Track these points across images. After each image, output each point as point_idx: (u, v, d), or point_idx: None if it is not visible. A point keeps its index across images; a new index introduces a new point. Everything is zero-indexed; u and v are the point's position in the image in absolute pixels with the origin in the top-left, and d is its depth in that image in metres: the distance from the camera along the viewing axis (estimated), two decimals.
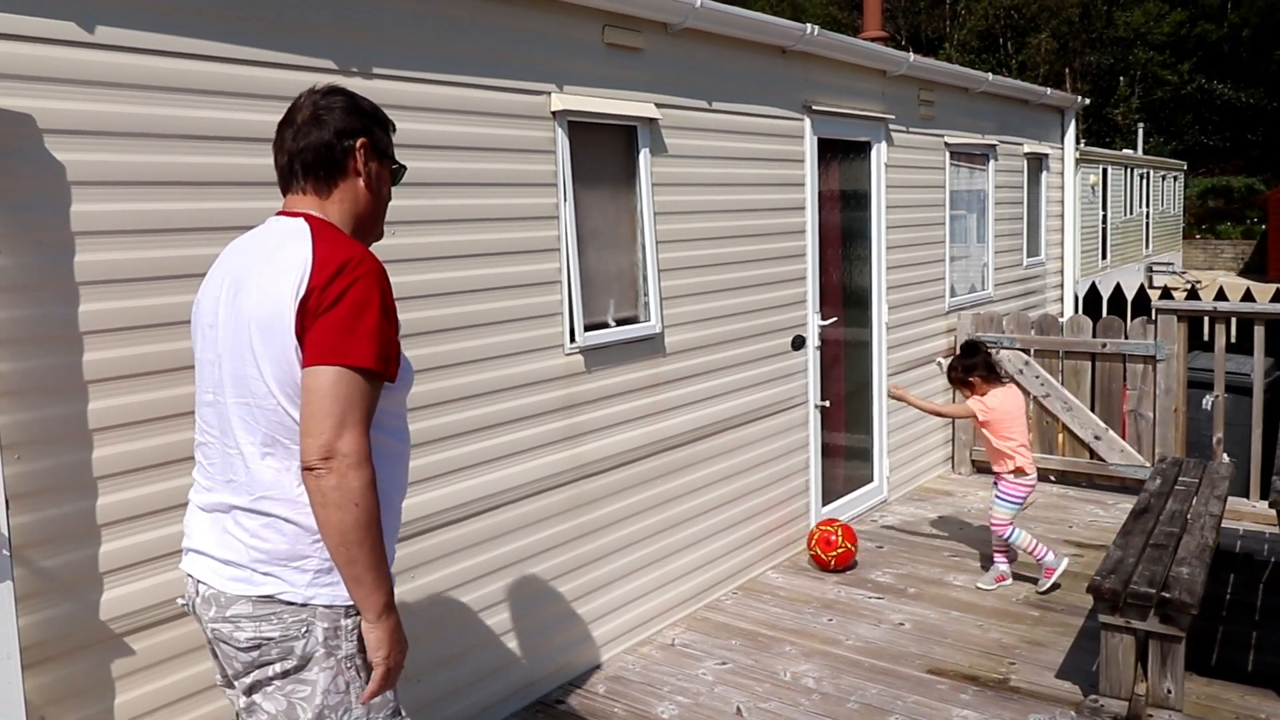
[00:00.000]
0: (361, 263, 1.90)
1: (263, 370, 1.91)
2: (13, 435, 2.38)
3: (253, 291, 1.94)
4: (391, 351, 1.92)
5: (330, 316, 1.85)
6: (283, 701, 1.95)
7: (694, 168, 4.54)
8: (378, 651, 1.92)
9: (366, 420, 1.86)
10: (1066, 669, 4.03)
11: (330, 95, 2.11)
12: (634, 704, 3.85)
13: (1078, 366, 6.51)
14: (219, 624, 1.98)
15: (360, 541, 1.84)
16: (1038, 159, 8.42)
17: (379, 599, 1.89)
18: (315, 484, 1.82)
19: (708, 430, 4.72)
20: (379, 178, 2.14)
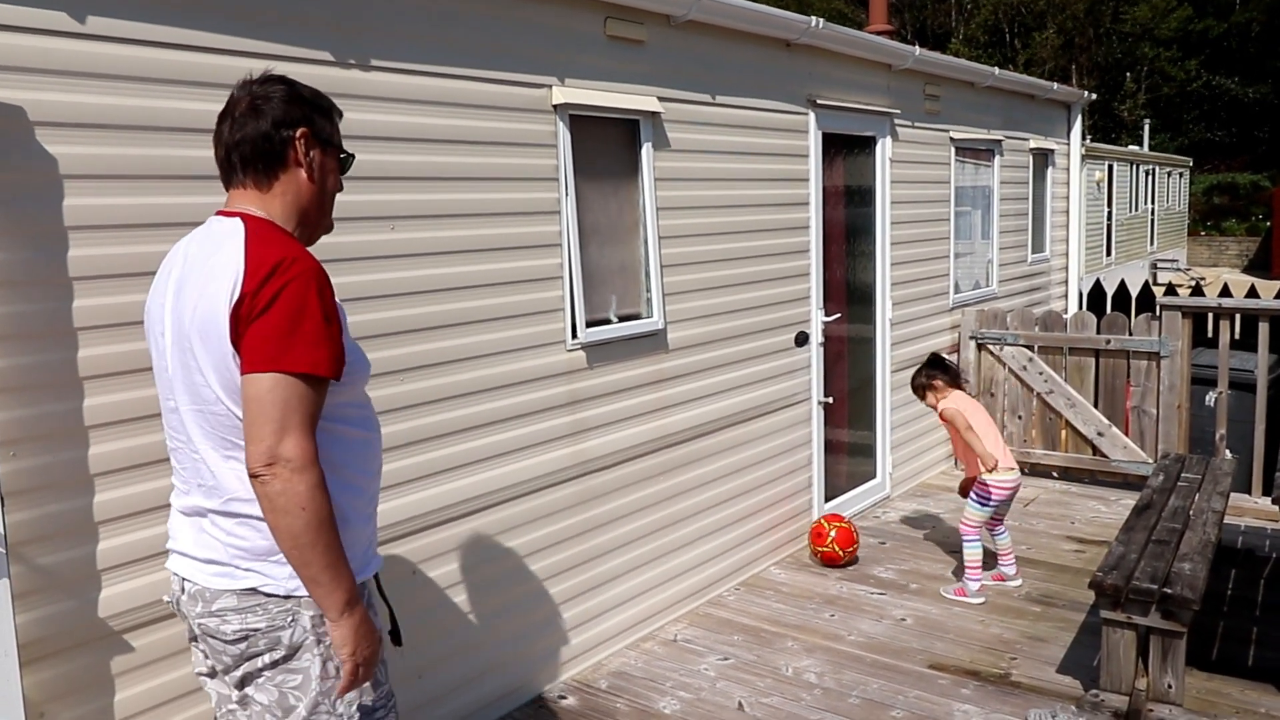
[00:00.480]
0: (294, 263, 1.86)
1: (208, 377, 1.90)
2: (7, 432, 2.37)
3: (190, 298, 1.92)
4: (330, 352, 1.88)
5: (264, 322, 1.82)
6: (274, 692, 1.96)
7: (697, 162, 4.53)
8: (343, 649, 1.91)
9: (309, 423, 1.85)
10: (1067, 664, 4.02)
11: (268, 84, 2.04)
12: (636, 699, 3.84)
13: (1081, 363, 6.48)
14: (205, 619, 1.98)
15: (312, 544, 1.83)
16: (1043, 155, 8.38)
17: (339, 597, 1.88)
18: (261, 490, 1.82)
19: (711, 426, 4.71)
20: (323, 167, 2.09)
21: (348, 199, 3.10)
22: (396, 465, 3.31)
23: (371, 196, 3.18)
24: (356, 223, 3.14)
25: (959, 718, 3.64)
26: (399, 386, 3.30)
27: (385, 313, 3.24)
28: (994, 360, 6.77)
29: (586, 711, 3.76)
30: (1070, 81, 31.59)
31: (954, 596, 4.71)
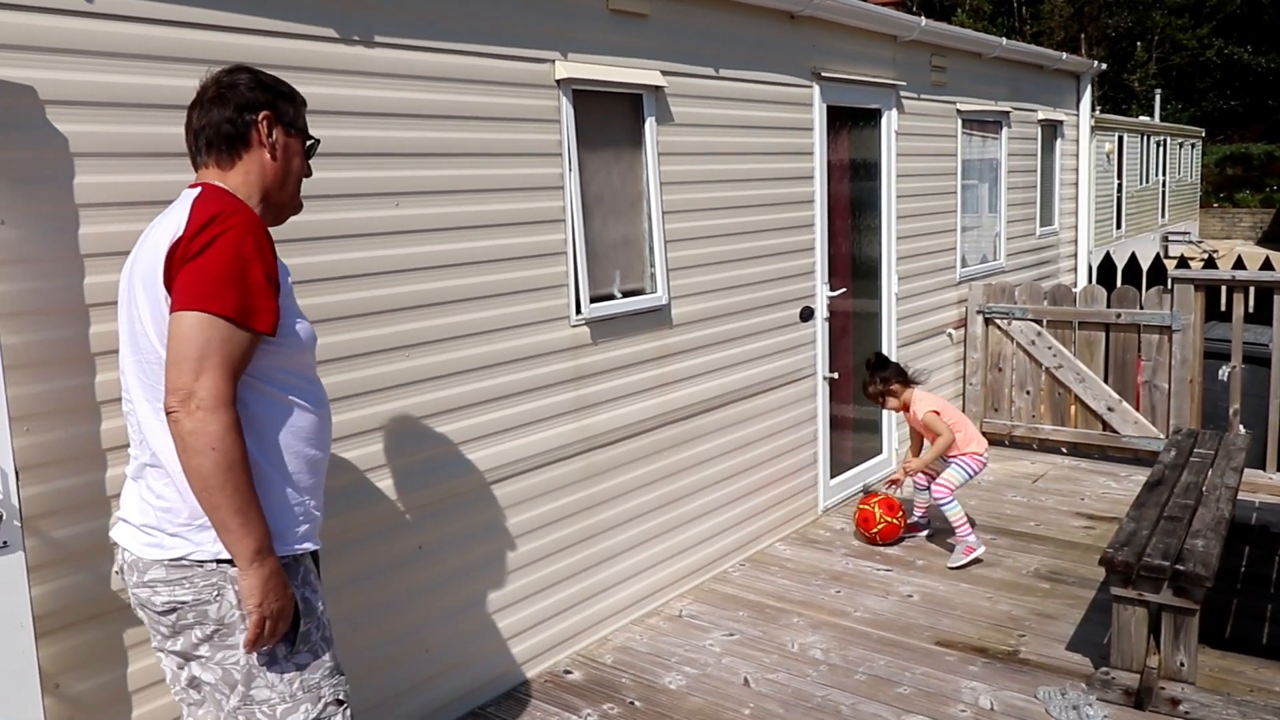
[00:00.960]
0: (234, 215, 1.93)
1: (145, 324, 1.96)
2: (21, 407, 2.38)
3: (142, 258, 2.00)
4: (260, 303, 1.92)
5: (196, 264, 1.88)
6: (218, 670, 1.99)
7: (701, 136, 4.50)
8: (250, 599, 1.91)
9: (229, 365, 1.87)
10: (1077, 641, 4.02)
11: (233, 73, 2.15)
12: (641, 674, 3.86)
13: (1091, 337, 6.45)
14: (139, 589, 2.02)
15: (221, 486, 1.85)
16: (1052, 126, 8.31)
17: (248, 544, 1.89)
18: (175, 429, 1.85)
19: (716, 402, 4.71)
20: (286, 149, 2.16)
21: (352, 175, 3.10)
22: (399, 441, 3.31)
23: (376, 173, 3.17)
24: (361, 199, 3.13)
25: (967, 694, 3.65)
26: (404, 363, 3.30)
27: (390, 289, 3.24)
28: (1001, 335, 6.75)
29: (592, 686, 3.79)
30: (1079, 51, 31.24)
31: (966, 558, 4.78)
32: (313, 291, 3.00)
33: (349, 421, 3.14)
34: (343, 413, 3.10)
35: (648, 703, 3.65)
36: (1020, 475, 6.23)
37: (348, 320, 3.12)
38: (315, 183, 3.00)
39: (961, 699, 3.61)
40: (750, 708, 3.59)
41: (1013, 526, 5.33)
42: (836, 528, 5.40)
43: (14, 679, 2.31)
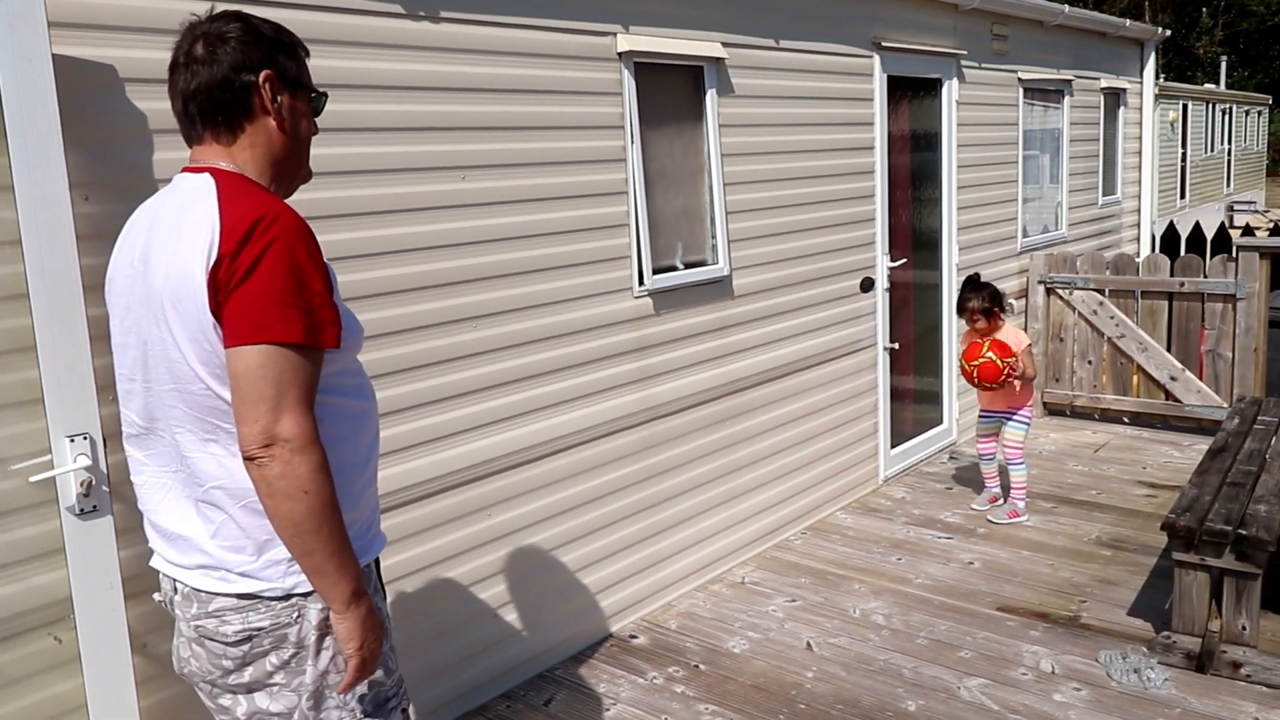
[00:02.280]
0: (275, 221, 1.66)
1: (185, 353, 1.71)
2: (106, 377, 2.46)
3: (160, 265, 1.72)
4: (324, 316, 1.70)
5: (246, 289, 1.63)
6: (292, 698, 1.82)
7: (761, 108, 4.50)
8: (349, 643, 1.75)
9: (307, 398, 1.67)
10: (1139, 607, 4.00)
11: (222, 22, 1.82)
12: (706, 639, 3.92)
13: (1154, 307, 6.35)
14: (203, 620, 1.81)
15: (316, 530, 1.67)
16: (1115, 94, 8.16)
17: (345, 588, 1.72)
18: (259, 474, 1.65)
19: (776, 373, 4.73)
20: (293, 112, 1.87)
21: (421, 149, 3.16)
22: (468, 411, 3.39)
23: (443, 147, 3.23)
24: (429, 172, 3.20)
25: (1028, 658, 3.66)
26: (470, 334, 3.37)
27: (456, 261, 3.31)
28: (1063, 305, 6.66)
29: (657, 650, 3.85)
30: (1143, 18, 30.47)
31: (1009, 520, 4.86)
32: (379, 265, 3.07)
33: (415, 393, 3.22)
34: (409, 384, 3.18)
35: (712, 666, 3.71)
36: (1082, 445, 6.17)
37: (415, 293, 3.19)
38: (382, 156, 3.07)
39: (1023, 662, 3.63)
40: (813, 671, 3.64)
41: (1074, 495, 5.30)
42: (897, 497, 5.41)
43: (105, 638, 2.41)
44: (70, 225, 2.28)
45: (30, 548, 2.35)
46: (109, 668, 2.41)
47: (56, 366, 2.28)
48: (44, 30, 2.20)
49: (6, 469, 2.30)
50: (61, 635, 2.40)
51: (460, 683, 3.46)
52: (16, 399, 2.30)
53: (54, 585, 2.38)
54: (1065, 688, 3.45)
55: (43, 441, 2.31)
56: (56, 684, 2.41)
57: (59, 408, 2.29)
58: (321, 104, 1.96)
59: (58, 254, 2.26)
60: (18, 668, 2.35)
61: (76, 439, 2.32)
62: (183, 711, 2.70)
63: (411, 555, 3.26)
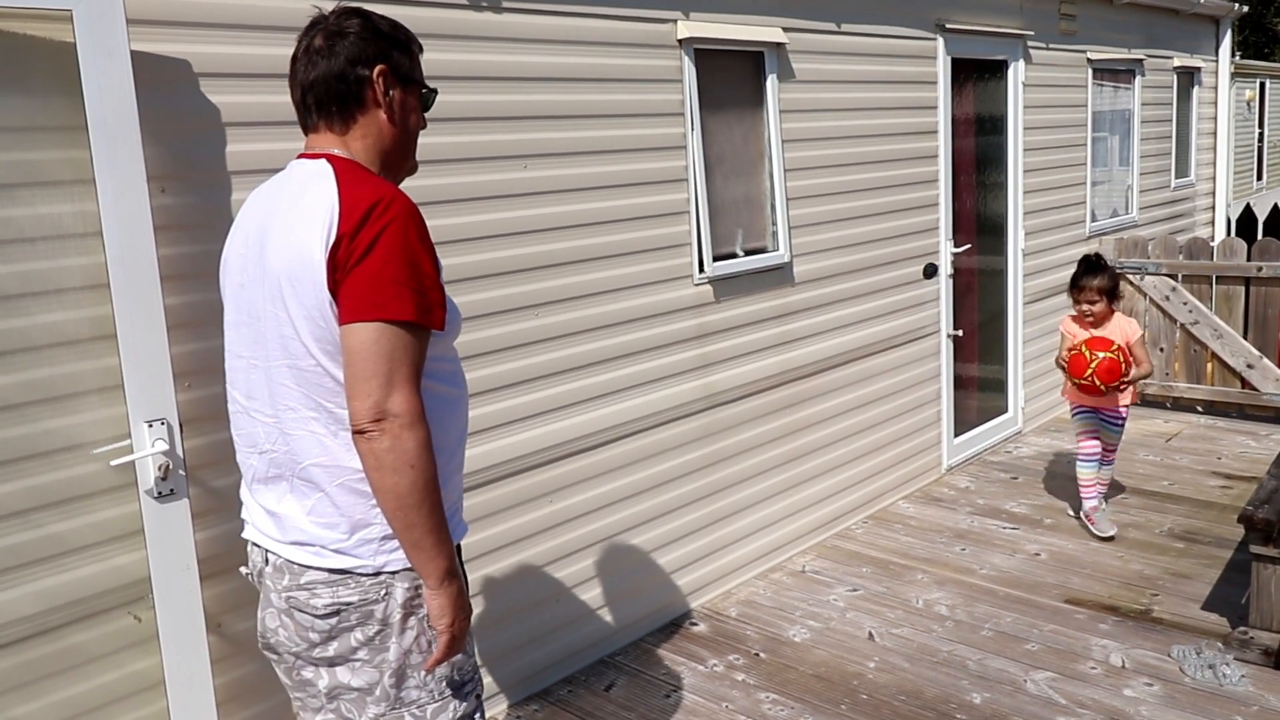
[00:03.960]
0: (392, 204, 1.73)
1: (298, 329, 1.76)
2: (183, 364, 2.55)
3: (278, 244, 1.78)
4: (434, 298, 1.76)
5: (364, 268, 1.69)
6: (373, 674, 1.86)
7: (822, 93, 4.45)
8: (441, 619, 1.80)
9: (416, 376, 1.74)
10: (1213, 601, 3.91)
11: (343, 18, 1.90)
12: (766, 627, 3.92)
13: (1230, 292, 6.17)
14: (294, 592, 1.87)
15: (419, 505, 1.72)
16: (1188, 73, 7.93)
17: (441, 564, 1.77)
18: (368, 447, 1.70)
19: (837, 360, 4.69)
20: (404, 106, 1.94)
21: (483, 139, 3.19)
22: (531, 397, 3.42)
23: (505, 136, 3.25)
24: (492, 162, 3.22)
25: (1097, 652, 3.59)
26: (533, 321, 3.39)
27: (518, 249, 3.33)
28: (1134, 290, 6.51)
29: (717, 638, 3.86)
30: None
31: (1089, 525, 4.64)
32: (444, 253, 3.10)
33: (480, 379, 3.26)
34: (472, 371, 3.22)
35: (772, 654, 3.71)
36: (1153, 434, 6.04)
37: (478, 280, 3.23)
38: (447, 146, 3.10)
39: (1092, 656, 3.56)
40: (875, 661, 3.61)
41: (1145, 486, 5.18)
42: (961, 486, 5.34)
43: (182, 618, 2.48)
44: (148, 217, 2.34)
45: (111, 529, 2.43)
46: (186, 646, 2.48)
47: (135, 354, 2.35)
48: (123, 27, 2.27)
49: (88, 453, 2.37)
50: (141, 614, 2.48)
51: (522, 666, 3.50)
52: (98, 385, 2.38)
53: (134, 566, 2.45)
54: (1136, 682, 3.39)
55: (122, 427, 2.38)
56: (136, 661, 2.49)
57: (138, 394, 2.36)
58: (431, 100, 2.03)
59: (136, 244, 2.33)
60: (99, 645, 2.43)
61: (155, 424, 2.39)
62: (256, 689, 2.78)
63: (474, 540, 3.30)
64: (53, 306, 2.31)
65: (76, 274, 2.33)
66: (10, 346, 2.26)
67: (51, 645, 2.36)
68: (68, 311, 2.33)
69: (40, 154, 2.27)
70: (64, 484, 2.36)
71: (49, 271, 2.30)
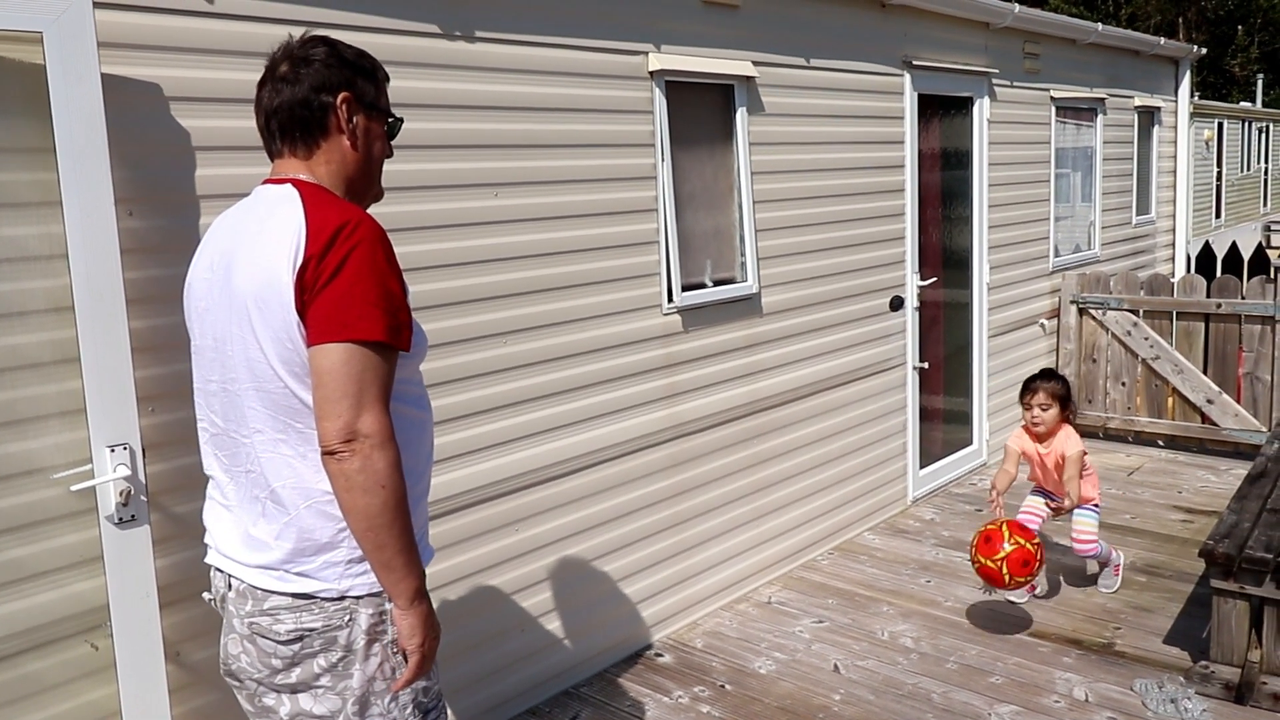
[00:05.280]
0: (359, 226, 1.74)
1: (265, 351, 1.77)
2: (146, 389, 2.52)
3: (245, 267, 1.78)
4: (402, 318, 1.78)
5: (332, 289, 1.70)
6: (335, 700, 1.84)
7: (791, 126, 4.51)
8: (412, 639, 1.81)
9: (386, 396, 1.74)
10: (1175, 635, 3.95)
11: (309, 46, 1.92)
12: (732, 659, 3.91)
13: (1190, 328, 6.29)
14: (257, 618, 1.86)
15: (389, 525, 1.73)
16: (1149, 113, 8.10)
17: (411, 584, 1.78)
18: (338, 468, 1.70)
19: (805, 391, 4.72)
20: (368, 134, 1.96)
21: (454, 167, 3.20)
22: (498, 425, 3.41)
23: (476, 164, 3.26)
24: (462, 189, 3.23)
25: (1061, 685, 3.61)
26: (500, 349, 3.39)
27: (486, 277, 3.33)
28: (1096, 325, 6.61)
29: (683, 669, 3.84)
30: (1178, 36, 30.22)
31: (1118, 576, 4.39)
32: (413, 280, 3.10)
33: (447, 406, 3.25)
34: (438, 399, 3.20)
35: (738, 686, 3.70)
36: (1115, 468, 6.11)
37: (446, 308, 3.22)
38: (417, 173, 3.11)
39: (1055, 689, 3.58)
40: (840, 693, 3.61)
41: (1108, 520, 5.23)
42: (926, 518, 5.37)
43: (140, 646, 2.44)
44: (115, 239, 2.32)
45: (69, 555, 2.39)
46: (143, 675, 2.44)
47: (99, 377, 2.32)
48: (94, 50, 2.26)
49: (48, 477, 2.34)
50: (98, 642, 2.44)
51: (485, 698, 3.47)
52: (59, 409, 2.35)
53: (92, 593, 2.41)
54: (1099, 716, 3.41)
55: (84, 451, 2.35)
56: (91, 690, 2.44)
57: (100, 418, 2.33)
58: (397, 129, 2.05)
59: (102, 268, 2.30)
60: (54, 674, 2.39)
61: (117, 449, 2.36)
62: (215, 719, 2.73)
63: (439, 569, 3.28)
64: (15, 329, 2.28)
65: (40, 296, 2.31)
66: None
67: (6, 673, 2.32)
68: (30, 334, 2.30)
69: (6, 176, 2.26)
70: (22, 509, 2.32)
71: (12, 294, 2.27)
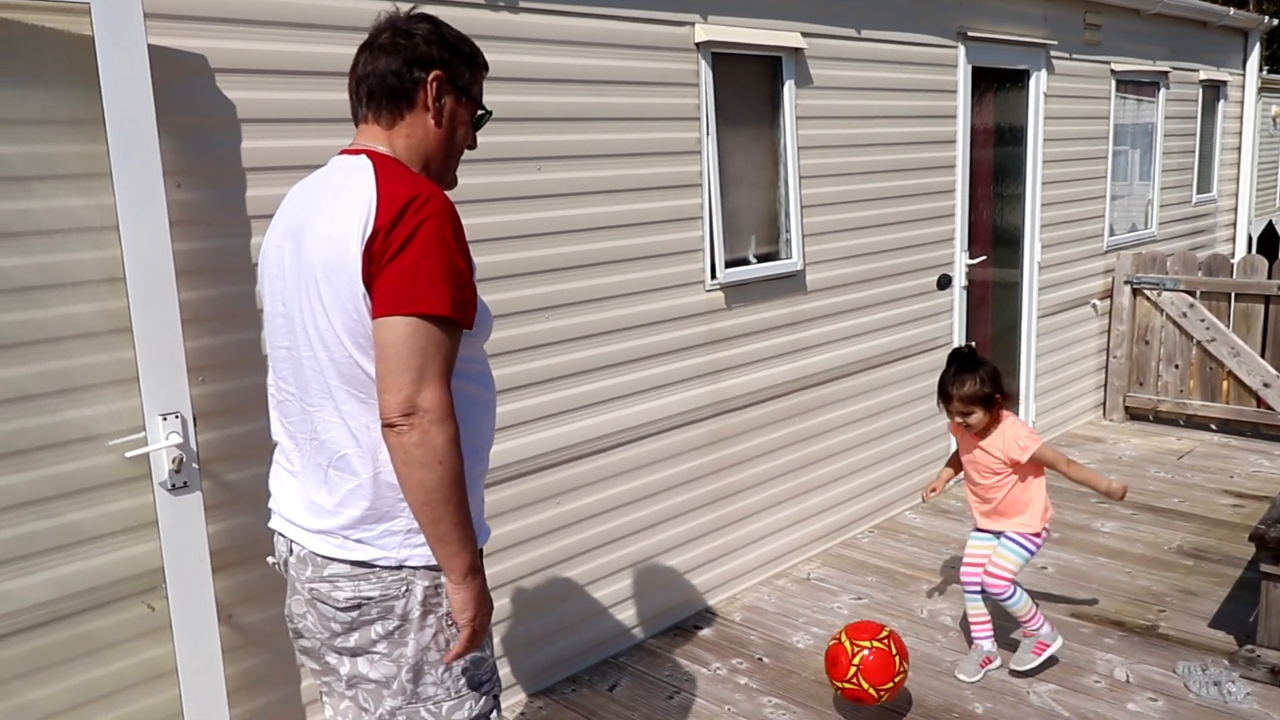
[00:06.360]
0: (429, 200, 1.73)
1: (332, 320, 1.78)
2: (196, 359, 2.58)
3: (315, 236, 1.79)
4: (467, 295, 1.77)
5: (399, 262, 1.70)
6: (391, 667, 1.88)
7: (840, 100, 4.46)
8: (464, 613, 1.82)
9: (447, 372, 1.74)
10: (1221, 619, 3.89)
11: (414, 20, 1.92)
12: (770, 633, 3.92)
13: (1249, 310, 6.14)
14: (317, 584, 1.90)
15: (445, 500, 1.73)
16: (1214, 87, 7.88)
17: (464, 559, 1.78)
18: (397, 441, 1.71)
19: (848, 369, 4.69)
20: (453, 117, 1.94)
21: (497, 140, 3.21)
22: (539, 400, 3.44)
23: (519, 138, 3.27)
24: (506, 163, 3.25)
25: (1101, 666, 3.58)
26: (543, 324, 3.41)
27: (530, 251, 3.35)
28: (1150, 306, 6.48)
29: (721, 642, 3.87)
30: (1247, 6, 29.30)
31: (1038, 659, 3.51)
32: None
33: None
34: None
35: (775, 659, 3.72)
36: (1165, 451, 6.00)
37: (490, 282, 3.25)
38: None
39: (1096, 670, 3.56)
40: None
41: (1155, 503, 5.16)
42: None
43: (194, 608, 2.52)
44: (164, 211, 2.37)
45: (125, 520, 2.46)
46: (197, 636, 2.52)
47: (150, 348, 2.38)
48: (141, 21, 2.30)
49: (104, 444, 2.41)
50: (154, 604, 2.52)
51: (527, 665, 3.52)
52: (113, 378, 2.42)
53: (147, 556, 2.49)
54: (1140, 697, 3.38)
55: (137, 419, 2.42)
56: (149, 649, 2.53)
57: (153, 387, 2.39)
58: (484, 120, 2.03)
59: (152, 239, 2.36)
60: (113, 633, 2.47)
61: (169, 417, 2.42)
62: (266, 679, 2.81)
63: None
64: (69, 299, 2.35)
65: (92, 267, 2.37)
66: (28, 338, 2.29)
67: (67, 631, 2.40)
68: (84, 304, 2.37)
69: (57, 147, 2.31)
70: (80, 474, 2.40)
71: (65, 264, 2.34)
